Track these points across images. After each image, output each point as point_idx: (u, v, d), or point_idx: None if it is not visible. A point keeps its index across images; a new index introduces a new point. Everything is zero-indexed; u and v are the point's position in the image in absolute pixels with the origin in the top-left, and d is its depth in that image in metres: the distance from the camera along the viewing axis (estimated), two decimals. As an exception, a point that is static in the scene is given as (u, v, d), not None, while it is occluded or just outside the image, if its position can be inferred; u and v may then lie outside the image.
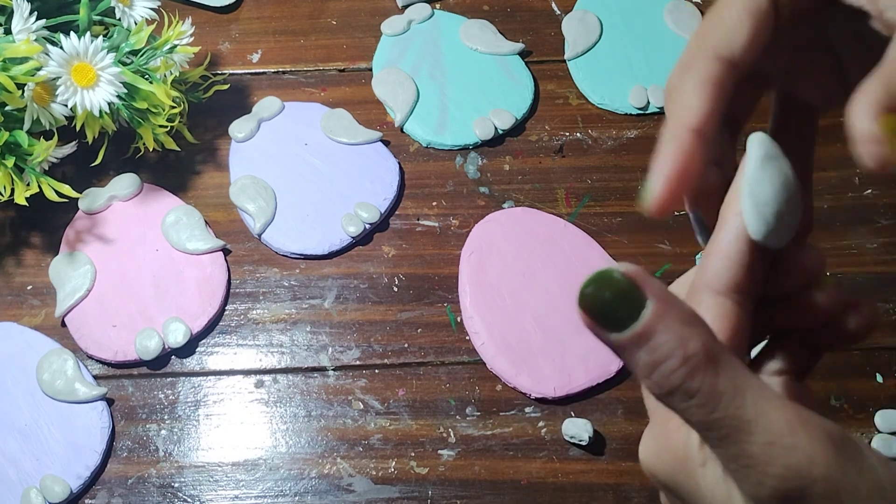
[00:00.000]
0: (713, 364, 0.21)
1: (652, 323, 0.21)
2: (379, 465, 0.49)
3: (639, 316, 0.21)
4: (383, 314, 0.54)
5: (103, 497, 0.49)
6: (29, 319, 0.53)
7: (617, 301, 0.22)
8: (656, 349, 0.21)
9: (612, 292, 0.22)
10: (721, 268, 0.24)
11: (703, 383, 0.21)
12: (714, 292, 0.24)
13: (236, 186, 0.56)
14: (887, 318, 0.54)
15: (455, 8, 0.65)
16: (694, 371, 0.21)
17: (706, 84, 0.26)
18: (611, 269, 0.22)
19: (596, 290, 0.22)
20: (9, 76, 0.46)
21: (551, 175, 0.58)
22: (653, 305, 0.21)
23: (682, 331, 0.21)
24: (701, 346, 0.21)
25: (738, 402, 0.21)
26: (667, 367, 0.21)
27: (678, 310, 0.22)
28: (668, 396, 0.22)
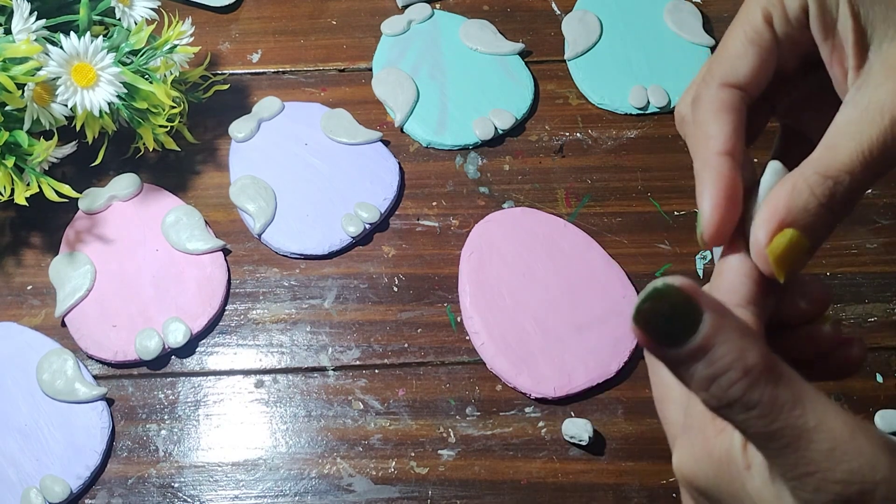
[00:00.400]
0: (773, 375, 0.21)
1: (710, 336, 0.21)
2: (379, 465, 0.49)
3: (696, 330, 0.21)
4: (383, 314, 0.54)
5: (103, 497, 0.49)
6: (29, 319, 0.53)
7: (675, 316, 0.22)
8: (715, 362, 0.21)
9: (669, 307, 0.22)
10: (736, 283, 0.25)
11: (763, 394, 0.21)
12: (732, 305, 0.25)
13: (236, 186, 0.56)
14: (887, 319, 0.54)
15: (455, 8, 0.65)
16: (754, 383, 0.21)
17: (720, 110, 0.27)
18: (666, 284, 0.22)
19: (653, 306, 0.22)
20: (9, 76, 0.47)
21: (551, 175, 0.58)
22: (710, 319, 0.21)
23: (740, 343, 0.21)
24: (760, 357, 0.21)
25: (799, 412, 0.21)
26: (726, 380, 0.21)
27: (735, 323, 0.22)
28: (727, 408, 0.22)
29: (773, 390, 0.21)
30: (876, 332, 0.53)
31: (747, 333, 0.22)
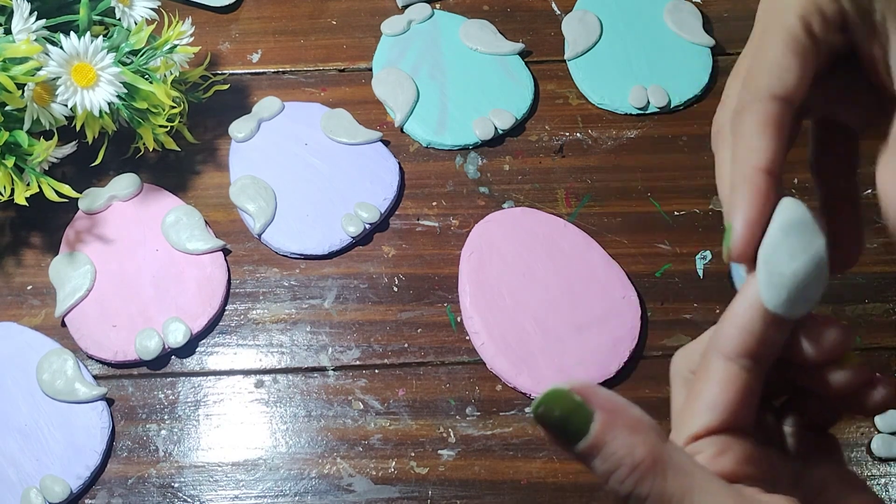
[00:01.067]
0: (661, 468, 0.22)
1: (600, 434, 0.22)
2: (379, 465, 0.49)
3: (588, 430, 0.22)
4: (383, 314, 0.54)
5: (103, 497, 0.49)
6: (29, 319, 0.53)
7: (566, 416, 0.23)
8: (608, 458, 0.22)
9: (560, 409, 0.23)
10: (732, 334, 0.25)
11: (652, 488, 0.22)
12: (724, 357, 0.25)
13: (236, 186, 0.56)
14: (887, 319, 0.54)
15: (455, 8, 0.65)
16: (642, 477, 0.22)
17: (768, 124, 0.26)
18: (558, 387, 0.23)
19: (546, 410, 0.23)
20: (9, 76, 0.46)
21: (551, 175, 0.58)
22: (600, 417, 0.23)
23: (628, 440, 0.22)
24: (647, 452, 0.22)
25: (686, 502, 0.22)
26: (618, 476, 0.22)
27: (625, 418, 0.23)
28: (625, 500, 0.23)
29: (662, 483, 0.22)
30: (876, 332, 0.53)
31: (637, 428, 0.23)
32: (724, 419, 0.25)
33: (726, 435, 0.25)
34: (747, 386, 0.25)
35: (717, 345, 0.25)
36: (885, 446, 0.49)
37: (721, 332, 0.25)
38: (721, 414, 0.25)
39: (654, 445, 0.23)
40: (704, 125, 0.60)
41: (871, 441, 0.50)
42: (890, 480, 0.49)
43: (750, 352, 0.25)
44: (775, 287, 0.24)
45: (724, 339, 0.25)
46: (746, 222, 0.25)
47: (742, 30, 0.65)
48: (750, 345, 0.25)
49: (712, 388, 0.25)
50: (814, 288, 0.24)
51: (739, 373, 0.25)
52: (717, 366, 0.25)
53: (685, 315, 0.54)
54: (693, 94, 0.61)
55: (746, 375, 0.25)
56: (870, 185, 0.60)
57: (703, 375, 0.25)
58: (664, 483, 0.22)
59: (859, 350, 0.53)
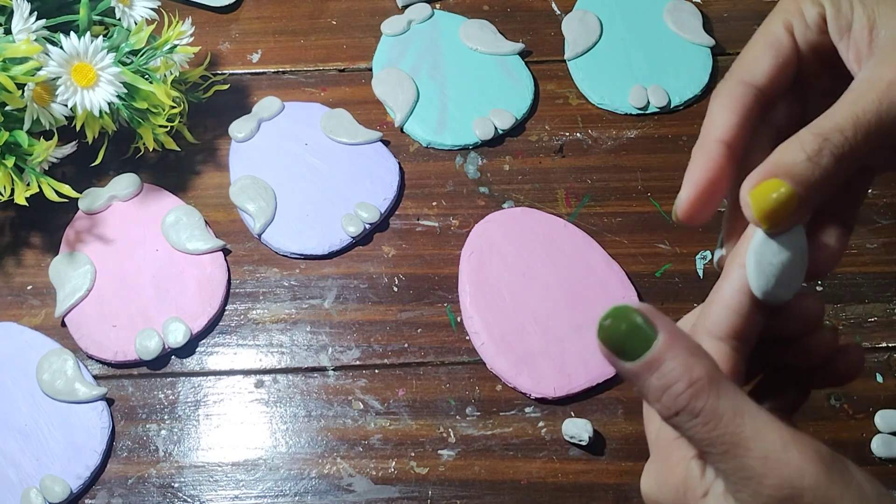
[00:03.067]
0: (715, 388, 0.24)
1: (661, 352, 0.24)
2: (379, 465, 0.49)
3: (650, 347, 0.24)
4: (383, 314, 0.54)
5: (103, 497, 0.49)
6: (29, 319, 0.53)
7: (631, 333, 0.24)
8: (665, 374, 0.24)
9: (627, 325, 0.24)
10: (721, 316, 0.27)
11: (706, 404, 0.24)
12: (712, 337, 0.27)
13: (236, 186, 0.56)
14: (887, 319, 0.54)
15: (455, 8, 0.65)
16: (698, 393, 0.24)
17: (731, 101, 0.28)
18: (626, 305, 0.25)
19: (613, 323, 0.25)
20: (9, 76, 0.47)
21: (551, 175, 0.58)
22: (663, 337, 0.24)
23: (687, 360, 0.24)
24: (704, 372, 0.24)
25: (738, 422, 0.24)
26: (674, 390, 0.24)
27: (685, 342, 0.24)
28: (675, 417, 0.24)
29: (715, 401, 0.24)
30: (876, 332, 0.53)
31: (695, 352, 0.24)
32: None
33: None
34: (735, 364, 0.27)
35: (707, 326, 0.27)
36: (885, 446, 0.49)
37: (710, 314, 0.27)
38: None
39: (711, 368, 0.24)
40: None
41: (871, 441, 0.50)
42: (890, 480, 0.49)
43: (737, 333, 0.27)
44: (764, 276, 0.26)
45: (713, 321, 0.27)
46: (693, 184, 0.27)
47: (742, 30, 0.65)
48: (738, 326, 0.26)
49: None
50: (797, 277, 0.27)
51: (728, 351, 0.27)
52: (707, 345, 0.26)
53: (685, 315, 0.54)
54: (693, 94, 0.61)
55: (734, 354, 0.27)
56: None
57: None
58: (718, 401, 0.24)
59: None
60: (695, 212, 0.28)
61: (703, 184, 0.27)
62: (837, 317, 0.54)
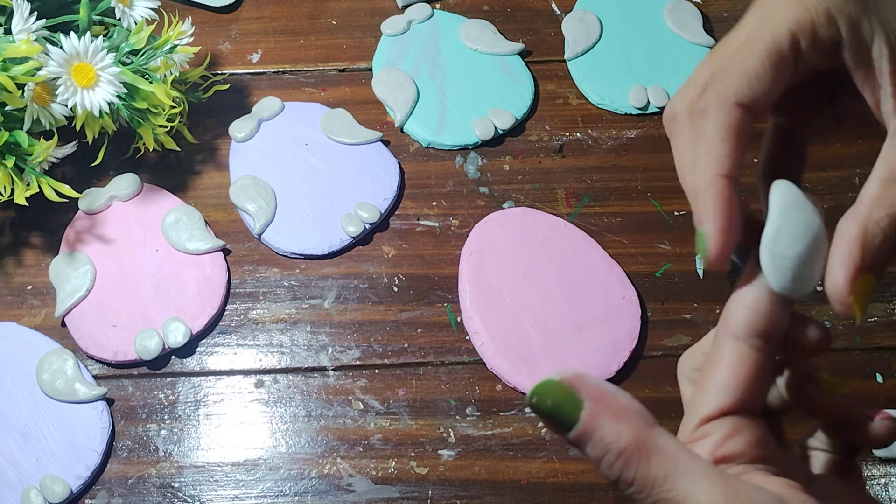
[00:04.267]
0: (645, 453, 0.23)
1: (589, 421, 0.24)
2: (379, 465, 0.49)
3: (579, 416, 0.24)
4: (383, 314, 0.54)
5: (103, 497, 0.49)
6: (29, 319, 0.53)
7: (559, 405, 0.24)
8: (597, 444, 0.24)
9: (551, 399, 0.24)
10: (740, 315, 0.26)
11: (637, 472, 0.23)
12: (734, 338, 0.26)
13: (236, 186, 0.56)
14: (888, 319, 0.54)
15: (455, 8, 0.65)
16: (627, 462, 0.23)
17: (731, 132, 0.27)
18: (549, 379, 0.24)
19: (539, 400, 0.24)
20: (9, 76, 0.46)
21: (551, 175, 0.58)
22: (588, 406, 0.24)
23: (614, 427, 0.24)
24: (632, 438, 0.23)
25: (670, 486, 0.23)
26: (606, 461, 0.24)
27: (612, 406, 0.24)
28: (616, 484, 0.24)
29: (646, 468, 0.23)
30: (876, 332, 0.53)
31: (622, 415, 0.24)
32: (736, 399, 0.25)
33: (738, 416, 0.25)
34: (758, 364, 0.26)
35: (727, 327, 0.26)
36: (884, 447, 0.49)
37: (729, 314, 0.26)
38: (733, 394, 0.25)
39: (639, 431, 0.24)
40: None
41: (871, 441, 0.50)
42: (890, 480, 0.49)
43: (758, 330, 0.26)
44: (780, 269, 0.25)
45: (732, 321, 0.26)
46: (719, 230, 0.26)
47: (742, 30, 0.65)
48: (758, 324, 0.26)
49: (723, 369, 0.25)
50: (816, 267, 0.26)
51: (749, 352, 0.26)
52: (728, 347, 0.26)
53: (685, 315, 0.54)
54: (693, 94, 0.61)
55: (756, 354, 0.26)
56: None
57: (714, 359, 0.26)
58: (647, 467, 0.23)
59: (859, 350, 0.53)
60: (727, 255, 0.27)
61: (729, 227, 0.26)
62: (837, 317, 0.54)
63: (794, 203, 0.26)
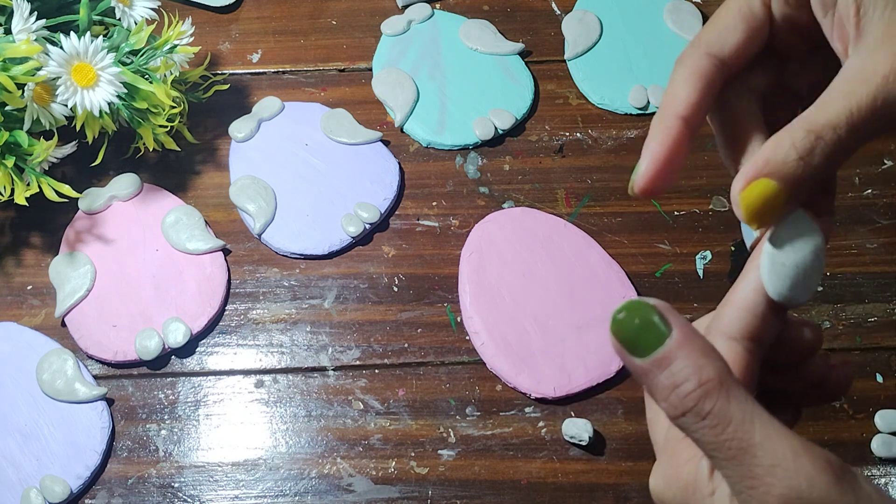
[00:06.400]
0: (725, 391, 0.23)
1: (673, 350, 0.24)
2: (379, 465, 0.49)
3: (662, 344, 0.24)
4: (383, 314, 0.54)
5: (103, 497, 0.49)
6: (29, 319, 0.53)
7: (644, 328, 0.24)
8: (675, 373, 0.24)
9: (641, 319, 0.24)
10: (735, 317, 0.26)
11: (714, 406, 0.23)
12: (727, 337, 0.26)
13: (236, 186, 0.56)
14: (888, 319, 0.54)
15: (455, 8, 0.65)
16: (707, 394, 0.23)
17: (694, 76, 0.27)
18: (642, 300, 0.24)
19: (627, 317, 0.24)
20: (9, 76, 0.46)
21: (551, 175, 0.58)
22: (676, 335, 0.24)
23: (699, 360, 0.24)
24: (715, 374, 0.24)
25: (747, 427, 0.23)
26: (683, 389, 0.24)
27: (698, 342, 0.24)
28: (682, 417, 0.24)
29: (725, 404, 0.23)
30: (876, 332, 0.53)
31: (708, 353, 0.24)
32: None
33: None
34: (748, 365, 0.26)
35: (721, 327, 0.27)
36: (885, 446, 0.49)
37: (725, 315, 0.27)
38: None
39: (723, 371, 0.24)
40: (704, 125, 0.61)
41: (871, 441, 0.50)
42: (890, 480, 0.49)
43: (752, 334, 0.26)
44: (779, 277, 0.26)
45: (728, 322, 0.26)
46: (652, 158, 0.27)
47: (742, 30, 0.65)
48: (753, 327, 0.26)
49: None
50: (813, 277, 0.26)
51: (742, 352, 0.26)
52: (721, 345, 0.26)
53: (685, 315, 0.53)
54: (693, 94, 0.61)
55: (747, 355, 0.26)
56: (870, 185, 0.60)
57: None
58: (727, 404, 0.23)
59: (859, 350, 0.53)
60: (653, 186, 0.27)
61: (661, 159, 0.27)
62: (837, 317, 0.54)
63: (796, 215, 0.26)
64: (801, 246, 0.26)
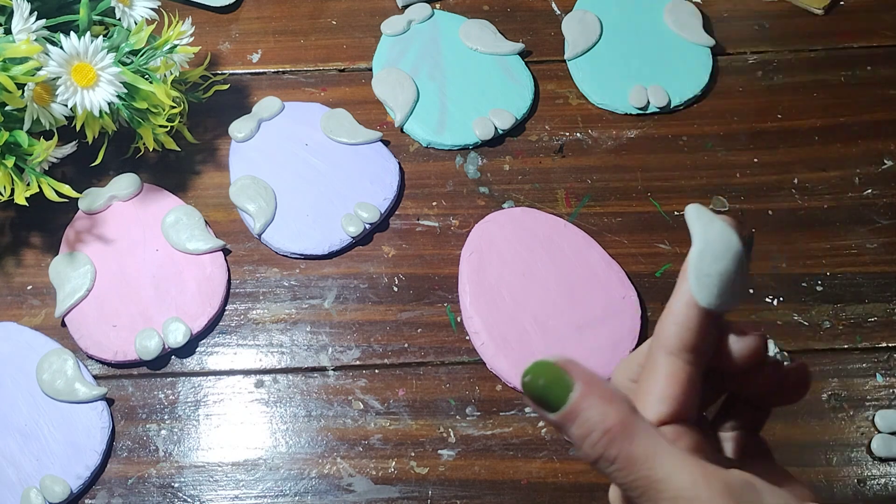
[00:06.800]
0: (629, 434, 0.25)
1: (578, 402, 0.25)
2: (379, 465, 0.49)
3: (568, 397, 0.25)
4: (383, 314, 0.54)
5: (103, 497, 0.49)
6: (29, 319, 0.53)
7: (550, 385, 0.26)
8: (582, 424, 0.25)
9: (545, 378, 0.26)
10: (672, 331, 0.27)
11: (620, 451, 0.25)
12: (667, 352, 0.27)
13: (236, 186, 0.56)
14: (888, 319, 0.54)
15: (455, 8, 0.65)
16: (612, 441, 0.25)
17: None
18: (544, 360, 0.26)
19: (532, 379, 0.26)
20: (9, 76, 0.46)
21: (551, 175, 0.58)
22: (579, 387, 0.25)
23: (602, 408, 0.25)
24: (618, 420, 0.25)
25: (650, 465, 0.25)
26: (591, 439, 0.25)
27: (600, 390, 0.26)
28: (596, 463, 0.26)
29: (629, 447, 0.25)
30: (876, 332, 0.53)
31: (610, 399, 0.25)
32: (674, 410, 0.27)
33: (676, 425, 0.27)
34: (691, 378, 0.27)
35: (661, 342, 0.28)
36: (885, 446, 0.49)
37: (663, 330, 0.28)
38: (671, 405, 0.27)
39: (625, 414, 0.25)
40: (704, 125, 0.61)
41: (871, 441, 0.50)
42: (889, 480, 0.49)
43: (690, 345, 0.27)
44: (706, 287, 0.27)
45: (666, 336, 0.27)
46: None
47: (742, 30, 0.65)
48: (690, 339, 0.27)
49: (660, 382, 0.27)
50: (739, 282, 0.27)
51: (683, 366, 0.27)
52: (663, 361, 0.27)
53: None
54: (693, 94, 0.61)
55: (689, 368, 0.27)
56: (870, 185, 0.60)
57: (651, 372, 0.28)
58: (631, 447, 0.25)
59: (859, 350, 0.53)
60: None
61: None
62: (837, 317, 0.54)
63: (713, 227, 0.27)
64: (722, 254, 0.27)
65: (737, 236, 0.27)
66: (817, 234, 0.56)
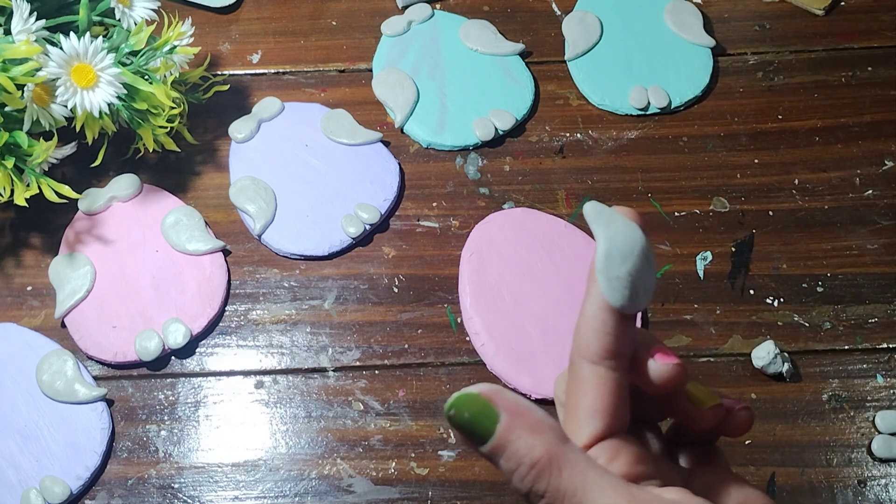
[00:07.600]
0: (556, 466, 0.24)
1: (504, 435, 0.24)
2: (379, 465, 0.49)
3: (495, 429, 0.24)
4: (383, 315, 0.54)
5: (103, 498, 0.49)
6: (29, 320, 0.53)
7: (476, 418, 0.25)
8: (510, 457, 0.24)
9: (469, 412, 0.25)
10: (592, 339, 0.26)
11: (548, 484, 0.24)
12: (589, 362, 0.26)
13: (236, 187, 0.56)
14: (888, 319, 0.54)
15: (455, 8, 0.65)
16: (540, 474, 0.24)
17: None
18: (467, 392, 0.25)
19: (456, 412, 0.25)
20: (9, 77, 0.46)
21: (551, 176, 0.58)
22: (504, 419, 0.24)
23: (528, 440, 0.24)
24: (544, 451, 0.24)
25: (580, 497, 0.24)
26: (519, 474, 0.24)
27: (526, 420, 0.25)
28: (527, 496, 0.25)
29: (557, 479, 0.24)
30: (876, 332, 0.53)
31: (536, 428, 0.24)
32: (607, 423, 0.26)
33: (613, 439, 0.26)
34: (619, 384, 0.26)
35: (581, 352, 0.27)
36: (885, 447, 0.49)
37: (581, 339, 0.27)
38: (603, 418, 0.26)
39: (552, 445, 0.24)
40: (705, 126, 0.61)
41: (871, 441, 0.50)
42: (890, 481, 0.49)
43: (611, 351, 0.26)
44: (618, 289, 0.26)
45: (585, 346, 0.26)
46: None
47: (742, 30, 0.65)
48: (610, 344, 0.26)
49: (589, 395, 0.26)
50: (648, 278, 0.27)
51: (608, 374, 0.26)
52: (587, 372, 0.26)
53: (686, 316, 0.54)
54: (693, 95, 0.61)
55: (614, 375, 0.26)
56: (870, 185, 0.60)
57: (576, 385, 0.27)
58: (559, 480, 0.24)
59: (859, 350, 0.53)
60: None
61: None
62: (838, 317, 0.54)
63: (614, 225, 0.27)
64: (629, 253, 0.26)
65: (640, 231, 0.27)
66: (818, 235, 0.56)
